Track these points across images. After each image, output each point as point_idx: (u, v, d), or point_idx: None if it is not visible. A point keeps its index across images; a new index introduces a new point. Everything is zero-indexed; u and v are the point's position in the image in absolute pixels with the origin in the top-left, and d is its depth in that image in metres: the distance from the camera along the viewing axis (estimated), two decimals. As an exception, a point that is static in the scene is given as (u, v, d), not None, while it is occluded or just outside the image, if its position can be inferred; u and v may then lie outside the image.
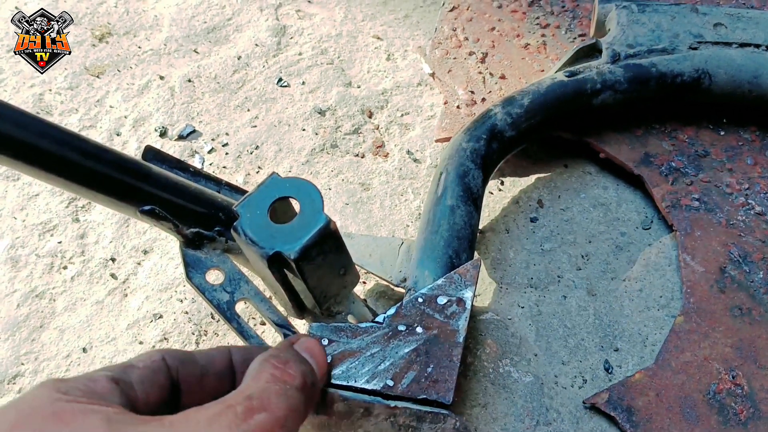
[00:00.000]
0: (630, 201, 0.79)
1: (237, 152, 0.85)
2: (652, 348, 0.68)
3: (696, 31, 0.79)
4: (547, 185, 0.80)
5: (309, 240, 0.52)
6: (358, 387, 0.55)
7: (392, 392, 0.55)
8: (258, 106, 0.90)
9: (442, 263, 0.64)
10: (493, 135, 0.73)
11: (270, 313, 0.60)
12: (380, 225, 0.79)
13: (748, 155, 0.79)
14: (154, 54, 0.95)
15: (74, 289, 0.75)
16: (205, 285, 0.59)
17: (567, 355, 0.69)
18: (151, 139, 0.87)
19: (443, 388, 0.55)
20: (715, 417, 0.63)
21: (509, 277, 0.74)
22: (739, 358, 0.66)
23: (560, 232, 0.77)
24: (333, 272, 0.57)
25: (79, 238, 0.79)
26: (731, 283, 0.70)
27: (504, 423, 0.63)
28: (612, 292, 0.73)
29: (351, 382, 0.55)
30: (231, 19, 0.99)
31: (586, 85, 0.76)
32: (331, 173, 0.84)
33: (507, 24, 0.92)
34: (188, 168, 0.65)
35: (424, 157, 0.85)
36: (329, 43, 0.96)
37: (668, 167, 0.78)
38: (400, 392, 0.55)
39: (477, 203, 0.70)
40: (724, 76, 0.76)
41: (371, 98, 0.90)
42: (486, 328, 0.68)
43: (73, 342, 0.72)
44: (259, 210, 0.54)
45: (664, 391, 0.64)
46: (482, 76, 0.88)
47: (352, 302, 0.62)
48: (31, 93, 0.91)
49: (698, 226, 0.74)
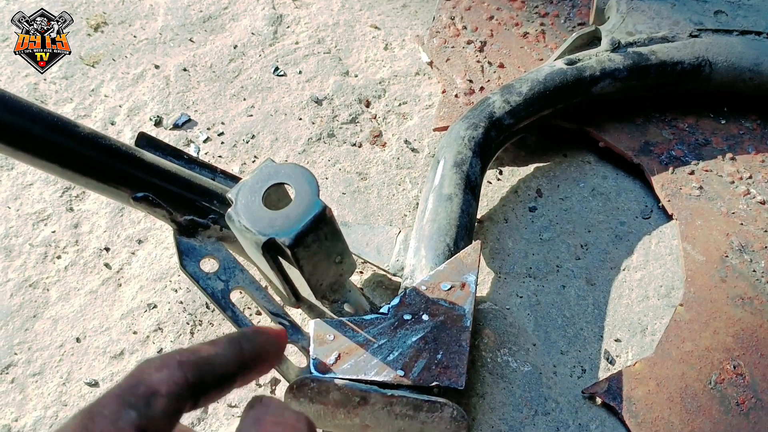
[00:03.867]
0: (630, 190, 0.78)
1: (233, 141, 0.85)
2: (652, 337, 0.68)
3: (696, 18, 0.78)
4: (546, 174, 0.80)
5: (304, 226, 0.51)
6: (368, 380, 0.54)
7: (403, 382, 0.54)
8: (254, 96, 0.89)
9: (439, 252, 0.63)
10: (491, 123, 0.72)
11: (265, 302, 0.59)
12: (377, 214, 0.79)
13: (749, 144, 0.78)
14: (149, 43, 0.94)
15: (68, 279, 0.75)
16: (199, 273, 0.59)
17: (566, 344, 0.68)
18: (146, 128, 0.86)
19: (455, 373, 0.54)
20: (717, 407, 0.62)
21: (508, 266, 0.73)
22: (740, 347, 0.65)
23: (559, 222, 0.76)
24: (329, 260, 0.56)
25: (73, 227, 0.78)
26: (732, 273, 0.69)
27: (502, 412, 0.62)
28: (611, 281, 0.72)
29: (361, 375, 0.54)
30: (227, 8, 0.98)
31: (585, 72, 0.75)
32: (328, 163, 0.83)
33: (505, 13, 0.91)
34: (182, 155, 0.65)
35: (422, 147, 0.84)
36: (326, 32, 0.95)
37: (668, 156, 0.77)
38: (411, 381, 0.54)
39: (475, 192, 0.69)
40: (725, 63, 0.76)
41: (369, 87, 0.89)
42: (484, 318, 0.68)
43: (67, 332, 0.71)
44: (253, 196, 0.53)
45: (664, 380, 0.64)
46: (480, 65, 0.87)
47: (349, 291, 0.62)
48: (25, 83, 0.90)
49: (699, 215, 0.73)
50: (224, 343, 0.42)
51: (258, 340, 0.45)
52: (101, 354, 0.70)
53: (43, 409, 0.67)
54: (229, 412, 0.66)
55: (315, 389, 0.54)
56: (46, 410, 0.67)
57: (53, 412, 0.67)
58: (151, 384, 0.35)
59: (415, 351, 0.55)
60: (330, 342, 0.56)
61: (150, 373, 0.35)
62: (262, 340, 0.45)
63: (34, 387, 0.68)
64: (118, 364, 0.69)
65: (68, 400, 0.67)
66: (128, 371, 0.34)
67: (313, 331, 0.57)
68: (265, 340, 0.44)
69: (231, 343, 0.43)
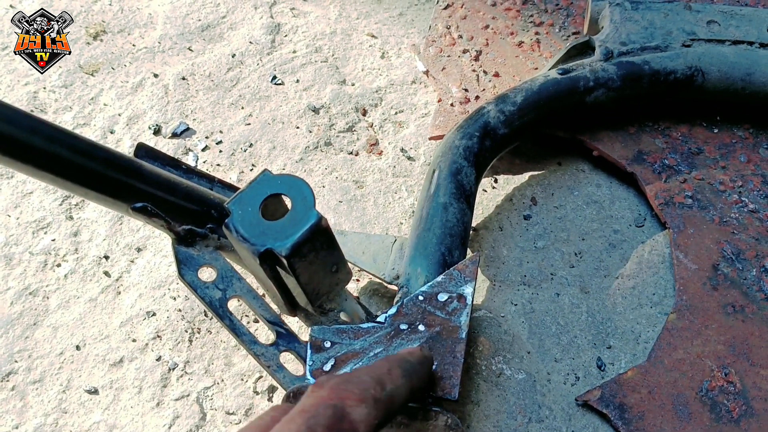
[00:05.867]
0: (623, 198, 0.79)
1: (231, 150, 0.85)
2: (645, 345, 0.69)
3: (689, 28, 0.79)
4: (541, 183, 0.81)
5: (300, 237, 0.52)
6: None
7: None
8: (252, 104, 0.90)
9: (434, 260, 0.64)
10: (485, 132, 0.73)
11: (262, 311, 0.60)
12: (374, 222, 0.79)
13: (742, 152, 0.79)
14: (148, 52, 0.95)
15: (68, 287, 0.75)
16: (197, 282, 0.59)
17: (560, 352, 0.69)
18: (145, 136, 0.87)
19: (448, 384, 0.55)
20: (708, 414, 0.63)
21: (502, 274, 0.74)
22: (731, 355, 0.66)
23: (553, 230, 0.77)
24: (325, 269, 0.57)
25: (72, 235, 0.79)
26: (724, 281, 0.70)
27: (496, 420, 0.63)
28: (605, 289, 0.73)
29: None
30: (225, 17, 0.99)
31: (579, 82, 0.76)
32: (324, 171, 0.84)
33: (501, 22, 0.92)
34: (180, 165, 0.65)
35: (418, 155, 0.85)
36: (323, 41, 0.96)
37: (661, 165, 0.78)
38: None
39: (470, 201, 0.70)
40: (717, 73, 0.77)
41: (365, 96, 0.90)
42: (479, 326, 0.68)
43: (67, 339, 0.72)
44: (250, 207, 0.54)
45: (656, 388, 0.64)
46: (476, 74, 0.88)
47: (345, 299, 0.62)
48: (25, 91, 0.91)
49: (691, 224, 0.74)
50: (401, 377, 0.42)
51: (423, 372, 0.45)
52: (101, 361, 0.71)
53: (43, 416, 0.68)
54: (227, 419, 0.67)
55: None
56: (46, 417, 0.67)
57: (53, 420, 0.67)
58: (353, 422, 0.34)
59: None
60: (327, 349, 0.57)
61: (352, 407, 0.35)
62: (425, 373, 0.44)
63: (34, 394, 0.69)
64: (117, 371, 0.70)
65: (68, 408, 0.68)
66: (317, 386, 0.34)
67: (309, 338, 0.58)
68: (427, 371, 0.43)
69: (406, 376, 0.43)
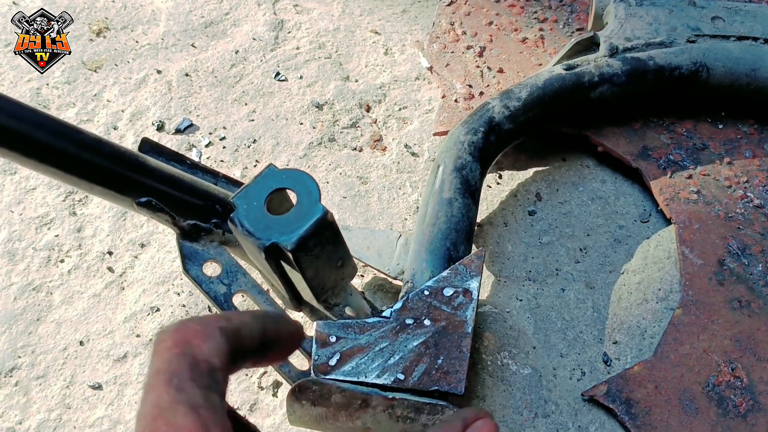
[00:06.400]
0: (628, 194, 0.79)
1: (234, 146, 0.85)
2: (651, 340, 0.68)
3: (694, 24, 0.79)
4: (546, 178, 0.80)
5: (306, 231, 0.51)
6: (368, 382, 0.55)
7: (403, 386, 0.55)
8: (255, 100, 0.90)
9: (439, 256, 0.64)
10: (490, 128, 0.73)
11: (267, 306, 0.60)
12: (378, 218, 0.79)
13: (747, 148, 0.79)
14: (151, 48, 0.95)
15: (71, 283, 0.75)
16: (202, 277, 0.59)
17: (565, 347, 0.69)
18: (149, 133, 0.86)
19: (454, 378, 0.55)
20: (715, 409, 0.63)
21: (507, 270, 0.74)
22: (738, 350, 0.66)
23: (558, 225, 0.77)
24: (330, 264, 0.57)
25: (76, 231, 0.79)
26: (730, 276, 0.70)
27: (502, 415, 0.63)
28: (610, 285, 0.72)
29: (361, 377, 0.55)
30: (228, 13, 0.98)
31: (584, 78, 0.76)
32: (328, 167, 0.83)
33: (505, 18, 0.92)
34: (185, 160, 0.65)
35: (422, 151, 0.84)
36: (327, 37, 0.96)
37: (666, 160, 0.78)
38: (411, 385, 0.55)
39: (475, 196, 0.70)
40: (722, 69, 0.76)
41: (369, 92, 0.90)
42: (484, 321, 0.68)
43: (70, 335, 0.72)
44: (256, 201, 0.54)
45: (663, 383, 0.64)
46: (480, 70, 0.87)
47: (350, 294, 0.62)
48: (28, 87, 0.90)
49: (697, 219, 0.74)
50: (250, 317, 0.40)
51: (280, 323, 0.45)
52: (104, 357, 0.71)
53: (47, 411, 0.67)
54: (231, 415, 0.66)
55: (317, 392, 0.55)
56: (50, 413, 0.67)
57: (57, 415, 0.67)
58: (207, 359, 0.33)
59: (416, 355, 0.56)
60: (332, 344, 0.57)
61: (198, 345, 0.33)
62: (283, 325, 0.45)
63: (37, 390, 0.69)
64: (121, 367, 0.70)
65: (72, 403, 0.68)
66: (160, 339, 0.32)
67: (315, 333, 0.57)
68: (285, 326, 0.43)
69: (256, 319, 0.41)
